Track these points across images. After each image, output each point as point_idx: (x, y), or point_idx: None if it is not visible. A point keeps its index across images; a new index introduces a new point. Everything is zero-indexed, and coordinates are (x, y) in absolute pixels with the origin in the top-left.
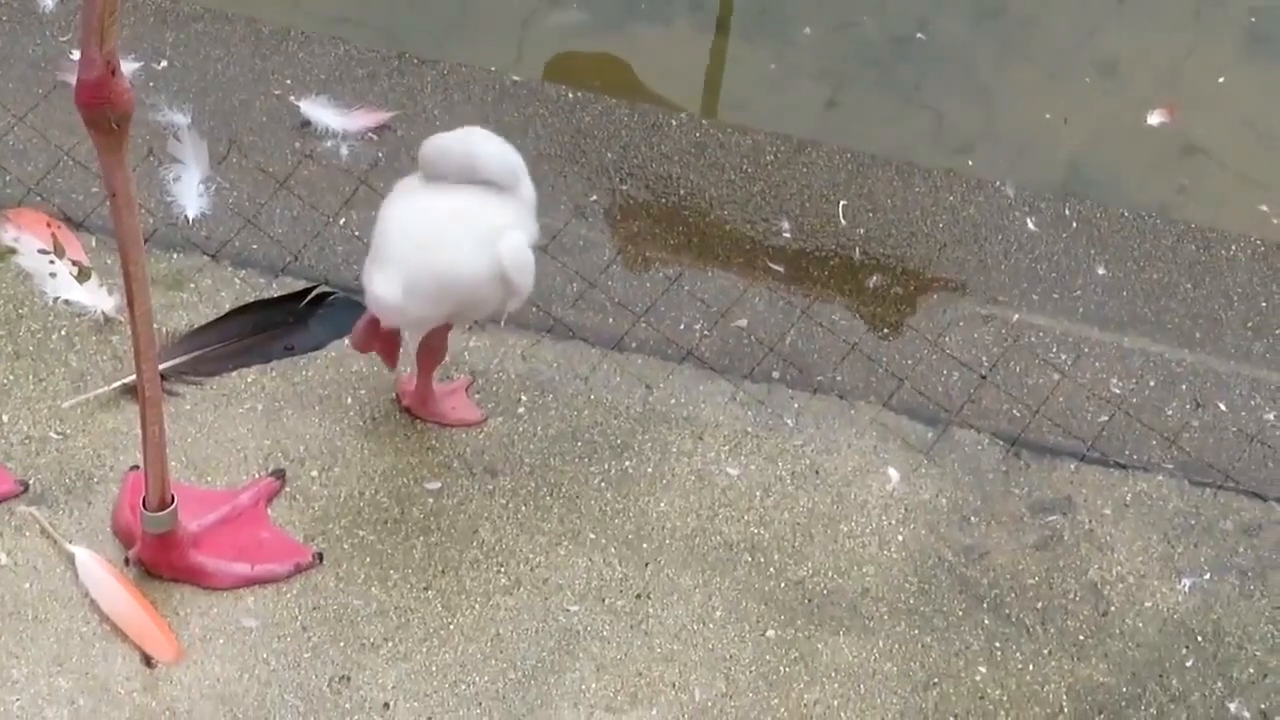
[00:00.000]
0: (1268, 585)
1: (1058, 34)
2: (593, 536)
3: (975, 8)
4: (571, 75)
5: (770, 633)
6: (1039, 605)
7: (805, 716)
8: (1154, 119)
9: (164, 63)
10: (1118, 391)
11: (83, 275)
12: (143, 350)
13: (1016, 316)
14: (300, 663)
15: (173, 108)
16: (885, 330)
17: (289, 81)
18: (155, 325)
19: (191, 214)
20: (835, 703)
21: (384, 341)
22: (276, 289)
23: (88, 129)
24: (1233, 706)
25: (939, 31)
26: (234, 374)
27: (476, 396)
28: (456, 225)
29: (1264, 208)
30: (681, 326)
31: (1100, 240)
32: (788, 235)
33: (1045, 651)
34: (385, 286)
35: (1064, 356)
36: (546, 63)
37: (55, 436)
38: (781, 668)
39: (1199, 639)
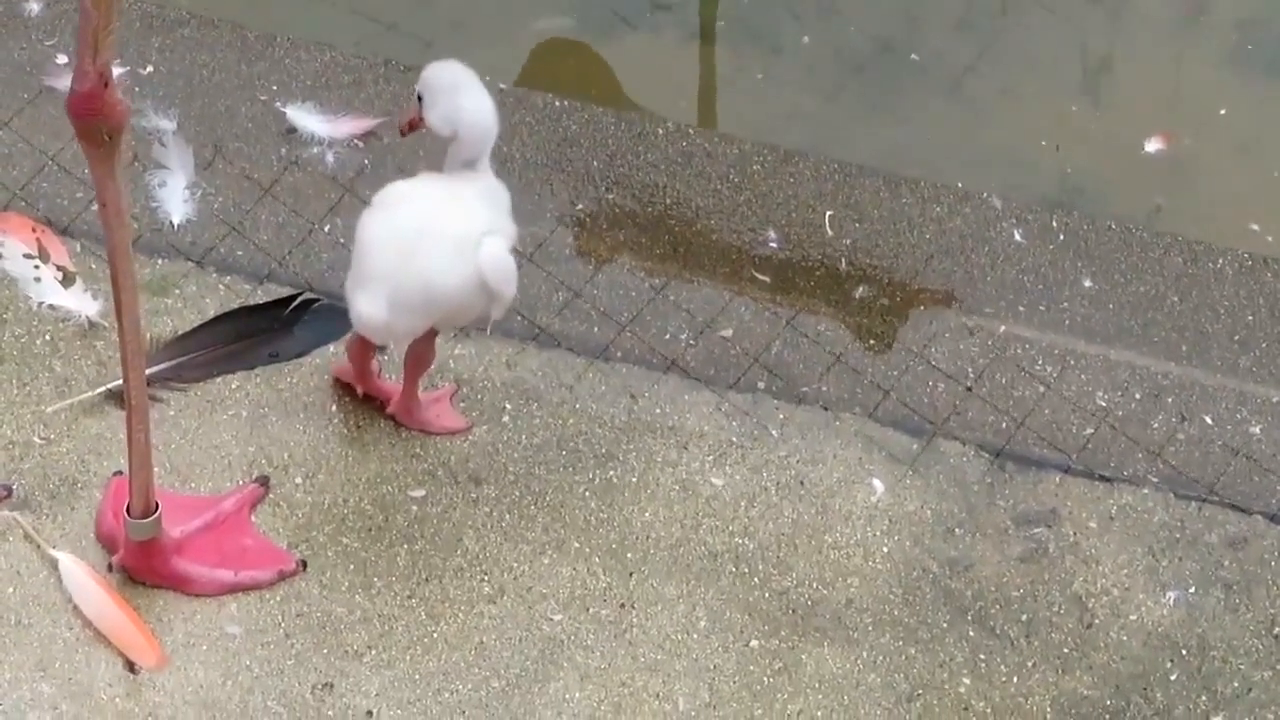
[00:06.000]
0: (1253, 599)
1: (1052, 53)
2: (577, 546)
3: (966, 24)
4: (557, 73)
5: (754, 643)
6: (1023, 617)
7: None
8: (1151, 146)
9: (150, 68)
10: (1103, 404)
11: (67, 280)
12: (130, 359)
13: (1003, 328)
14: (283, 669)
15: (158, 113)
16: (871, 341)
17: (275, 87)
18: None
19: (176, 220)
20: (819, 714)
21: (358, 352)
22: (261, 295)
23: (79, 140)
24: None
25: (930, 46)
26: (218, 380)
27: (461, 404)
28: (431, 235)
29: (1254, 226)
30: (667, 336)
31: (1087, 252)
32: (774, 245)
33: (1029, 664)
34: (369, 305)
35: (1050, 369)
36: (531, 51)
37: (39, 441)
38: (765, 678)
39: (1184, 652)
